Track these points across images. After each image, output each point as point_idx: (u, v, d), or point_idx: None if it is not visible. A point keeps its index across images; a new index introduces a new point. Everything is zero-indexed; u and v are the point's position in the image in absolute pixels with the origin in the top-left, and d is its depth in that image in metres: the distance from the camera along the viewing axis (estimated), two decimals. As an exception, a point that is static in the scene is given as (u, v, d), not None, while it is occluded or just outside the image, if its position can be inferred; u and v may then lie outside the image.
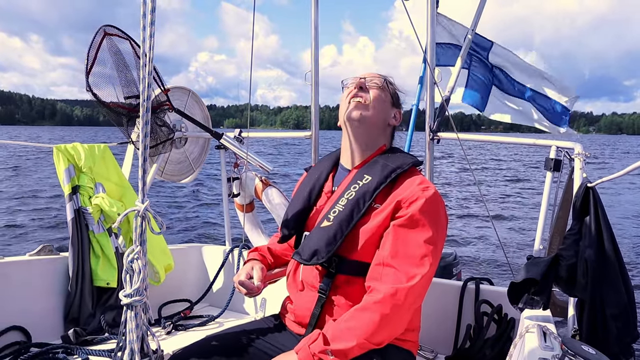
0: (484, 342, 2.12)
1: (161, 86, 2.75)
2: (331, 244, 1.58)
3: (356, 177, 1.68)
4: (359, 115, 1.71)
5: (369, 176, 1.66)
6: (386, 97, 1.77)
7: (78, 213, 2.50)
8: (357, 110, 1.72)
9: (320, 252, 1.59)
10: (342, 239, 1.58)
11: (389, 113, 1.79)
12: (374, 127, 1.75)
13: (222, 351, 1.64)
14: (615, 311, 1.66)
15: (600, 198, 1.82)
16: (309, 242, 1.65)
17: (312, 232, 1.67)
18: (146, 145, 1.37)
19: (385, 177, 1.64)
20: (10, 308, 2.29)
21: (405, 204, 1.57)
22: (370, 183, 1.64)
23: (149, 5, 1.32)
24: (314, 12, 2.88)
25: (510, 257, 7.75)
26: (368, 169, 1.69)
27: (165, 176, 3.37)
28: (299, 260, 1.66)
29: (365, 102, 1.72)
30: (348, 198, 1.63)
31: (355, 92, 1.74)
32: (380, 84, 1.77)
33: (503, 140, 3.03)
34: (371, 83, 1.76)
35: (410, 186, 1.62)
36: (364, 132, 1.74)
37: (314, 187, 1.81)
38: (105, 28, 2.47)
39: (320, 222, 1.65)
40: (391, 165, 1.67)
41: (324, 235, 1.60)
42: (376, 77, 1.79)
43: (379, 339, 1.45)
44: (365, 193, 1.62)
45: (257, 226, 3.36)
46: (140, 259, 1.40)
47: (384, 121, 1.77)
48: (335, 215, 1.61)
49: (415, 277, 1.48)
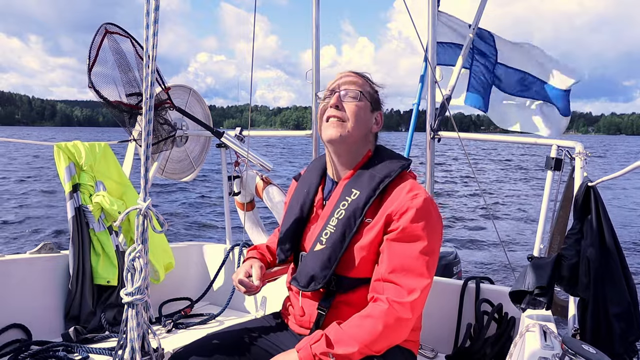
0: (485, 341, 2.12)
1: (162, 84, 2.75)
2: (327, 267, 1.58)
3: (344, 193, 1.65)
4: (338, 136, 1.64)
5: (357, 190, 1.62)
6: (365, 106, 1.68)
7: (79, 211, 2.49)
8: (336, 130, 1.64)
9: (317, 277, 1.60)
10: (337, 261, 1.58)
11: (370, 121, 1.71)
12: (356, 142, 1.68)
13: (223, 349, 1.64)
14: (619, 310, 1.66)
15: (601, 197, 1.82)
16: (305, 267, 1.65)
17: (306, 257, 1.66)
18: (149, 144, 1.37)
19: (373, 190, 1.60)
20: (11, 306, 2.30)
21: (396, 216, 1.55)
22: (359, 198, 1.60)
23: (152, 4, 1.32)
24: (315, 12, 2.88)
25: (511, 257, 7.77)
26: (355, 182, 1.65)
27: (166, 174, 3.37)
28: (297, 286, 1.67)
29: (343, 120, 1.65)
30: (338, 218, 1.61)
31: (332, 111, 1.66)
32: (357, 96, 1.67)
33: (504, 140, 3.03)
34: (347, 98, 1.67)
35: (399, 196, 1.58)
36: (346, 149, 1.68)
37: (305, 203, 1.78)
38: (107, 26, 2.47)
39: (314, 245, 1.64)
40: (379, 175, 1.63)
41: (318, 260, 1.60)
42: (352, 86, 1.68)
43: (380, 347, 1.47)
44: (355, 210, 1.59)
45: (257, 225, 3.36)
46: (141, 257, 1.40)
47: (366, 132, 1.70)
48: (328, 238, 1.60)
49: (416, 290, 1.48)
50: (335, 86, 1.70)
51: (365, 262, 1.59)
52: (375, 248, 1.58)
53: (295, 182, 1.92)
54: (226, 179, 3.17)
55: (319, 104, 1.74)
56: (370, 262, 1.59)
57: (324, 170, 1.81)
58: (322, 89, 1.78)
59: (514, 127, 4.04)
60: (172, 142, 3.00)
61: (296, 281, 1.67)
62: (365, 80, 1.74)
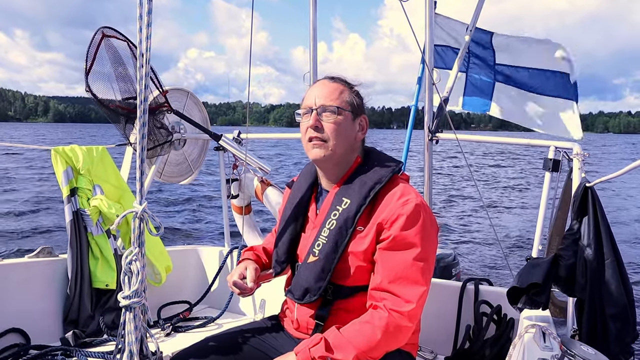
0: (484, 342, 2.12)
1: (159, 87, 2.74)
2: (321, 279, 1.58)
3: (335, 202, 1.63)
4: (322, 157, 1.62)
5: (347, 199, 1.60)
6: (345, 119, 1.62)
7: (76, 215, 2.49)
8: (319, 151, 1.61)
9: (311, 289, 1.60)
10: (331, 272, 1.58)
11: (353, 131, 1.66)
12: (341, 156, 1.65)
13: (222, 353, 1.64)
14: (615, 311, 1.66)
15: (599, 198, 1.82)
16: (299, 279, 1.64)
17: (300, 269, 1.66)
18: (144, 147, 1.37)
19: (364, 198, 1.58)
20: (9, 310, 2.29)
21: (387, 225, 1.54)
22: (350, 207, 1.58)
23: (145, 7, 1.32)
24: (312, 14, 2.88)
25: (509, 258, 7.77)
26: (346, 190, 1.63)
27: (164, 178, 3.36)
28: (292, 299, 1.67)
29: (325, 140, 1.61)
30: (330, 228, 1.60)
31: (312, 132, 1.62)
32: (336, 111, 1.61)
33: (502, 141, 3.03)
34: (325, 115, 1.61)
35: (389, 203, 1.56)
36: (333, 165, 1.66)
37: (298, 212, 1.76)
38: (104, 30, 2.47)
39: (307, 257, 1.63)
40: (369, 182, 1.60)
41: (312, 272, 1.60)
42: (328, 101, 1.62)
43: (378, 354, 1.47)
44: (346, 220, 1.58)
45: (254, 228, 3.36)
46: (138, 260, 1.40)
47: (351, 143, 1.66)
48: (320, 249, 1.59)
49: (412, 300, 1.48)
50: (312, 102, 1.64)
51: (361, 270, 1.58)
52: (370, 256, 1.57)
53: (289, 190, 1.90)
54: (224, 182, 3.17)
55: (300, 122, 1.69)
56: (366, 270, 1.59)
57: (316, 177, 1.78)
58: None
59: (511, 119, 4.04)
60: (170, 146, 3.00)
61: (291, 293, 1.67)
62: (343, 85, 1.68)
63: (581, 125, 3.91)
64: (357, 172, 1.66)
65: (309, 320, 1.66)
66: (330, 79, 1.70)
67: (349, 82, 1.70)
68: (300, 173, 1.89)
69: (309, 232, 1.72)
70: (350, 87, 1.69)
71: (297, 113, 1.70)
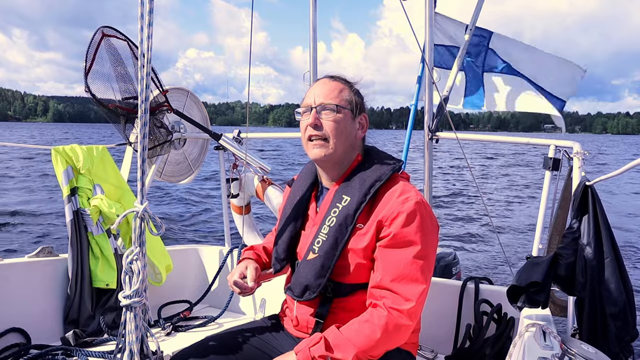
0: (484, 341, 2.12)
1: (159, 87, 2.74)
2: (320, 276, 1.58)
3: (335, 199, 1.63)
4: (322, 156, 1.62)
5: (347, 196, 1.60)
6: (345, 117, 1.63)
7: (77, 214, 2.49)
8: (320, 150, 1.62)
9: (310, 287, 1.59)
10: (331, 269, 1.57)
11: (353, 129, 1.66)
12: (341, 155, 1.65)
13: (222, 352, 1.64)
14: (615, 310, 1.66)
15: (599, 196, 1.82)
16: (298, 277, 1.64)
17: (300, 266, 1.66)
18: (145, 146, 1.37)
19: (364, 195, 1.58)
20: (10, 310, 2.29)
21: (387, 222, 1.54)
22: (350, 205, 1.58)
23: (146, 6, 1.32)
24: (312, 15, 2.88)
25: (510, 257, 7.77)
26: (346, 187, 1.63)
27: (164, 177, 3.36)
28: (291, 296, 1.67)
29: (325, 139, 1.61)
30: (330, 225, 1.60)
31: (312, 130, 1.62)
32: (335, 109, 1.61)
33: (502, 140, 3.03)
34: (324, 113, 1.62)
35: (389, 201, 1.56)
36: (333, 162, 1.66)
37: (299, 211, 1.77)
38: (104, 29, 2.47)
39: (307, 254, 1.63)
40: (369, 179, 1.60)
41: (311, 269, 1.59)
42: (328, 99, 1.62)
43: (378, 352, 1.48)
44: (346, 217, 1.58)
45: (253, 228, 3.36)
46: (139, 260, 1.40)
47: (351, 142, 1.66)
48: (320, 246, 1.59)
49: (412, 298, 1.48)
50: (312, 101, 1.64)
51: (361, 267, 1.58)
52: (370, 254, 1.57)
53: (289, 188, 1.91)
54: (224, 182, 3.17)
55: (299, 120, 1.70)
56: (366, 268, 1.59)
57: (316, 176, 1.79)
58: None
59: (518, 108, 4.00)
60: (170, 145, 3.00)
61: (291, 291, 1.67)
62: (343, 83, 1.68)
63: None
64: (357, 170, 1.66)
65: (308, 319, 1.66)
66: (330, 77, 1.70)
67: (349, 80, 1.71)
68: (300, 172, 1.90)
69: (309, 230, 1.72)
70: (350, 86, 1.70)
71: (297, 112, 1.70)
